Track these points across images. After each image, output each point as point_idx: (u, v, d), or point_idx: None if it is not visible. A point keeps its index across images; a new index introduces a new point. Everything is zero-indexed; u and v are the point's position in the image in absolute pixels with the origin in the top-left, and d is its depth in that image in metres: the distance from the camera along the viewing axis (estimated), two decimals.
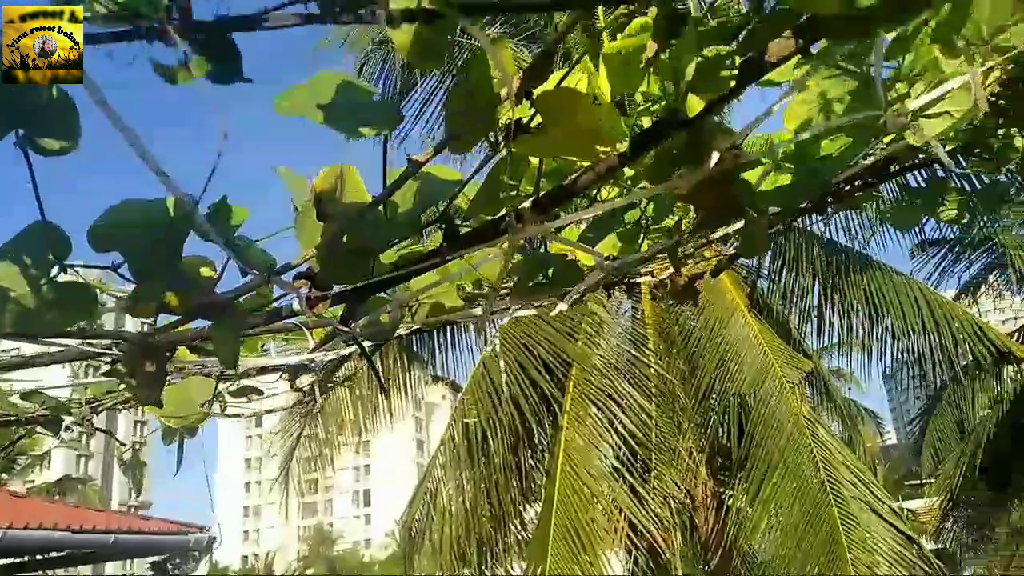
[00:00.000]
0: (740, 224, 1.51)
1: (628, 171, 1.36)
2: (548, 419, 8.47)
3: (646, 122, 1.33)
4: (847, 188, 1.78)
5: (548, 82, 1.03)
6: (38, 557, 8.62)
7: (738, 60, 1.07)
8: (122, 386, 2.03)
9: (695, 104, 1.05)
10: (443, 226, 1.24)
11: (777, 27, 1.14)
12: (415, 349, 9.27)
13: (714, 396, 8.19)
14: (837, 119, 1.38)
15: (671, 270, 1.78)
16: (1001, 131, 1.77)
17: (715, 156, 1.23)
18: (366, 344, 1.71)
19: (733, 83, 1.06)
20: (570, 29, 1.00)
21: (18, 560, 8.28)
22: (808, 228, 8.65)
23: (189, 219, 1.06)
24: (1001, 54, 1.38)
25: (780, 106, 1.23)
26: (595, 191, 1.37)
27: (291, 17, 0.81)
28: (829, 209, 1.84)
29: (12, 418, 1.98)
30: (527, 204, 1.25)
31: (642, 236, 1.57)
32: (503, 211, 1.25)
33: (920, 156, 1.94)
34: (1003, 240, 10.05)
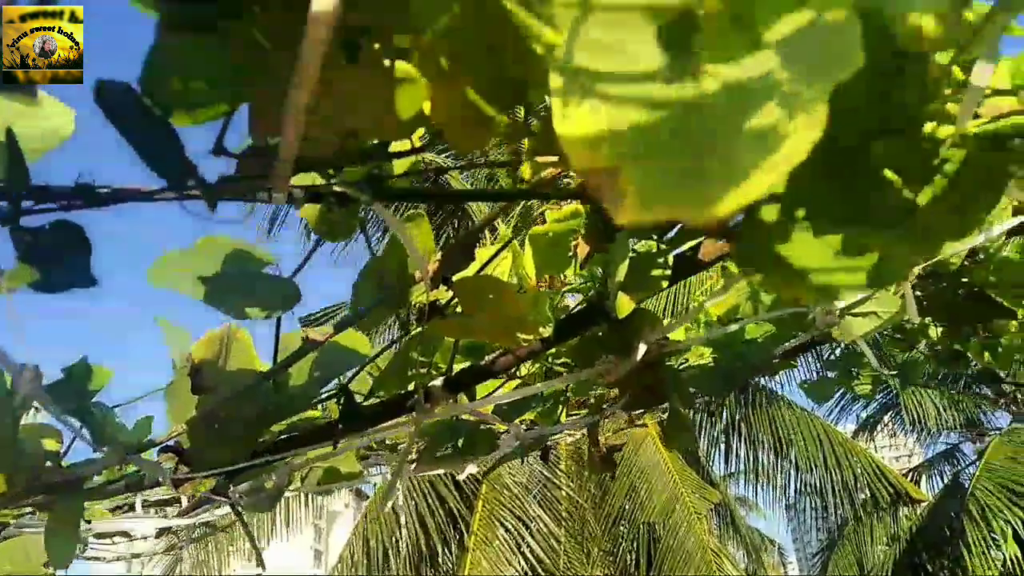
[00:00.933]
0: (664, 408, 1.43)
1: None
2: (455, 539, 8.08)
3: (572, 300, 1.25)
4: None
5: (468, 268, 0.93)
6: None
7: (670, 258, 1.01)
8: None
9: (625, 304, 0.97)
10: (341, 402, 1.10)
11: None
12: None
13: (624, 523, 8.02)
14: (765, 310, 1.34)
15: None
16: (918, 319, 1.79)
17: (642, 348, 1.16)
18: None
19: (665, 283, 1.00)
20: (493, 220, 0.92)
21: None
22: None
23: (34, 387, 0.89)
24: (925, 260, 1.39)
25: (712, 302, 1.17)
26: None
27: (168, 194, 0.69)
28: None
29: None
30: (438, 383, 1.13)
31: (561, 409, 1.47)
32: (411, 387, 1.13)
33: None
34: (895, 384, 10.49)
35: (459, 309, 0.97)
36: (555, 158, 0.63)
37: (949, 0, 0.43)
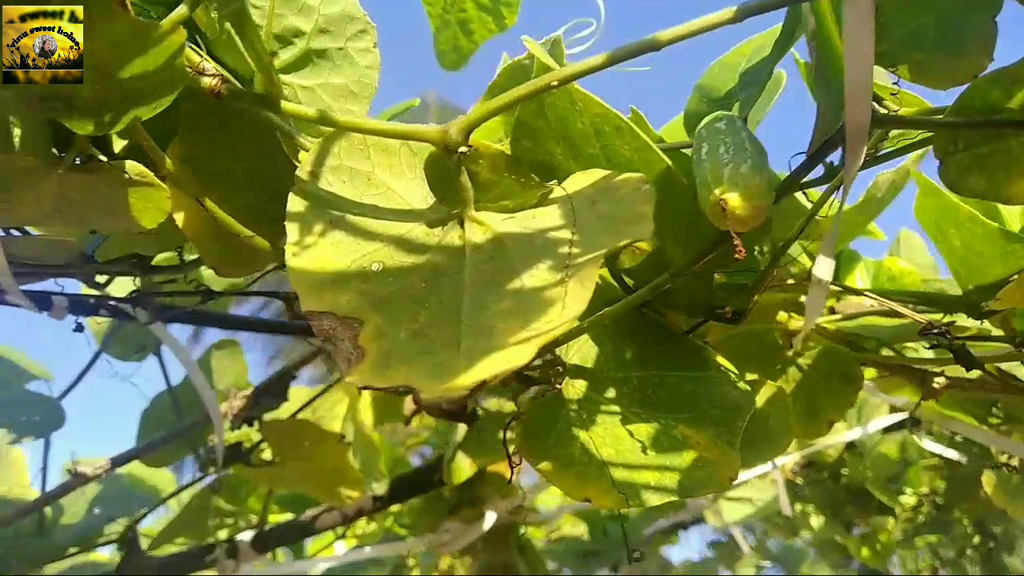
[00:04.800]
0: None
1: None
2: None
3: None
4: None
5: (280, 409, 0.81)
6: None
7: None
8: None
9: (464, 468, 0.85)
10: (124, 550, 0.92)
11: None
12: None
13: None
14: None
15: None
16: (799, 506, 1.73)
17: (490, 517, 1.03)
18: None
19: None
20: (317, 355, 0.81)
21: None
22: None
23: None
24: (801, 447, 1.34)
25: None
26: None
27: None
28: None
29: None
30: (246, 536, 0.97)
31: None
32: (211, 541, 0.96)
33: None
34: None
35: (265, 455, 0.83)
36: None
37: (757, 181, 0.37)
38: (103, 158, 0.39)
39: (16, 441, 0.70)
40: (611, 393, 0.45)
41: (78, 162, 0.40)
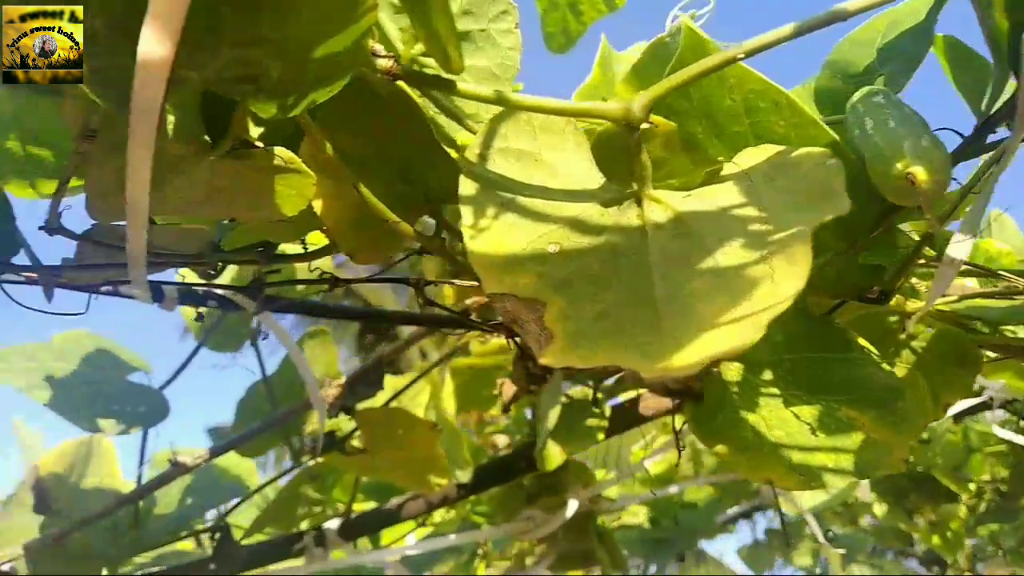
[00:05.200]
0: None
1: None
2: None
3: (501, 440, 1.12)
4: None
5: (376, 397, 0.81)
6: None
7: (607, 408, 0.91)
8: None
9: (555, 455, 0.85)
10: (216, 537, 0.94)
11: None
12: None
13: None
14: (707, 472, 1.23)
15: None
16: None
17: (573, 504, 1.03)
18: None
19: (601, 435, 0.88)
20: (410, 345, 0.81)
21: None
22: None
23: None
24: None
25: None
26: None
27: None
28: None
29: None
30: (333, 525, 0.97)
31: (479, 563, 1.30)
32: (301, 529, 0.97)
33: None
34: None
35: (356, 443, 0.84)
36: (477, 283, 0.53)
37: (939, 155, 0.36)
38: (259, 144, 0.39)
39: (124, 432, 0.71)
40: (768, 375, 0.44)
41: (229, 150, 0.40)
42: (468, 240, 0.33)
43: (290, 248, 0.55)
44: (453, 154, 0.41)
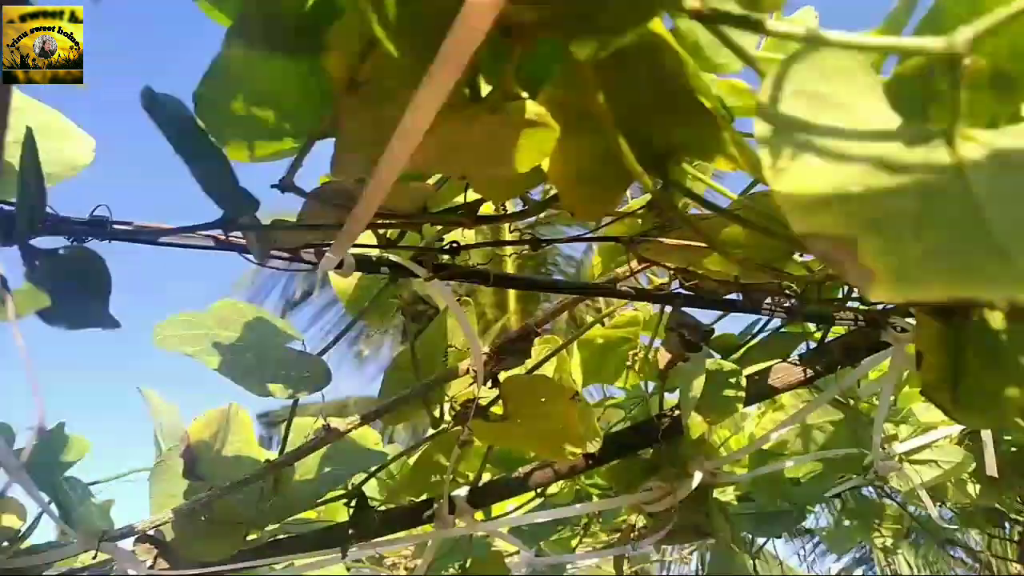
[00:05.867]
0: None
1: None
2: None
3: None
4: None
5: (519, 367, 0.82)
6: None
7: (743, 379, 0.90)
8: None
9: (698, 424, 0.85)
10: (352, 505, 0.96)
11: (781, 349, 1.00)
12: None
13: None
14: (817, 449, 1.22)
15: None
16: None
17: (697, 476, 1.02)
18: None
19: (740, 406, 0.88)
20: (561, 311, 0.82)
21: None
22: None
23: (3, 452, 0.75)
24: None
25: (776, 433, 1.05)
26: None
27: (206, 239, 0.58)
28: None
29: None
30: (462, 492, 0.99)
31: (579, 536, 1.31)
32: (430, 496, 0.98)
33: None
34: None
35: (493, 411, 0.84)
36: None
37: None
38: (525, 94, 0.39)
39: (292, 396, 0.73)
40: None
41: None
42: (770, 180, 0.32)
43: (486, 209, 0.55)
44: (706, 103, 0.40)
